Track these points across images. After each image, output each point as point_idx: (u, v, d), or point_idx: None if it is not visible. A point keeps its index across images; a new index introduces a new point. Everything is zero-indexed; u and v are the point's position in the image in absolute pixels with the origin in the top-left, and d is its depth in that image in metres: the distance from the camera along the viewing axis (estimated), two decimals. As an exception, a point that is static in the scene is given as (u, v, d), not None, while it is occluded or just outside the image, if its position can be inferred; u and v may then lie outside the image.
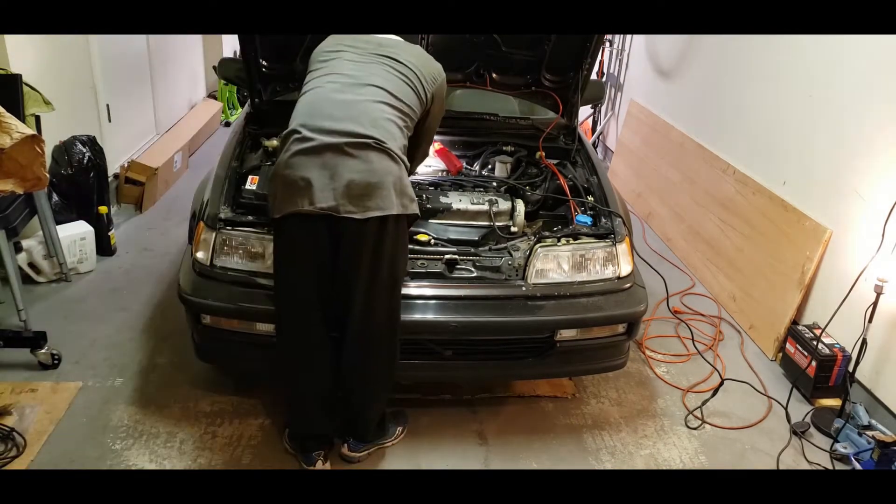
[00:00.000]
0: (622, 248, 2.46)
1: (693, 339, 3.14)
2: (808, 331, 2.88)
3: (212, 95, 6.30)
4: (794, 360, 2.90)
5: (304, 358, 2.16)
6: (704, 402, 2.75)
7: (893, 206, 2.49)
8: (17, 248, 3.17)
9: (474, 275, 2.38)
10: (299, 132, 1.97)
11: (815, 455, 2.55)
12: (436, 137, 3.02)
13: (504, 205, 2.65)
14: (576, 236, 2.44)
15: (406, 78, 2.14)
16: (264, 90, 2.90)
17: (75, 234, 3.38)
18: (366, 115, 2.00)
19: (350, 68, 2.12)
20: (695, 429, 2.65)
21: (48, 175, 2.41)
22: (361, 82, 2.08)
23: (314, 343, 2.14)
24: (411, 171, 2.43)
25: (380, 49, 2.18)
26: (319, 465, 2.24)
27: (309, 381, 2.19)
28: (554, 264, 2.40)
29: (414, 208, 2.03)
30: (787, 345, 2.95)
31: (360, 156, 1.94)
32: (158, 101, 4.96)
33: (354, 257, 2.00)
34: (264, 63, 2.81)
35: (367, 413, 2.27)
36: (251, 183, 2.46)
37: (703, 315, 3.45)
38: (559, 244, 2.40)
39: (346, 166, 1.92)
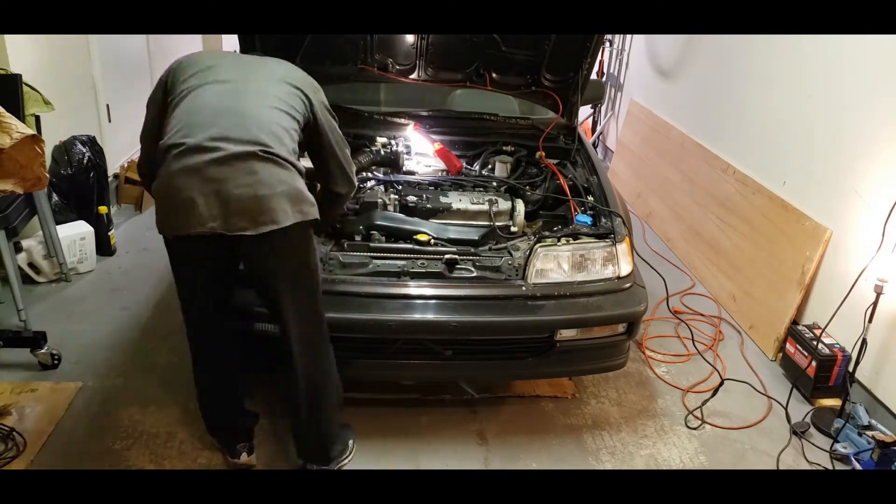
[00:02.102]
0: (622, 248, 2.46)
1: (693, 339, 3.14)
2: (808, 331, 2.88)
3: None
4: (794, 360, 2.90)
5: (208, 361, 2.16)
6: (704, 402, 2.75)
7: (893, 206, 2.49)
8: (17, 248, 3.17)
9: (474, 275, 2.38)
10: (179, 145, 1.81)
11: (815, 455, 2.55)
12: (435, 137, 3.02)
13: (504, 205, 2.65)
14: (576, 236, 2.44)
15: (285, 82, 2.03)
16: (264, 90, 2.89)
17: (75, 234, 3.38)
18: (250, 119, 1.87)
19: (227, 74, 1.99)
20: (695, 429, 2.65)
21: (48, 175, 2.41)
22: (242, 86, 1.96)
23: (212, 348, 2.13)
24: (337, 206, 2.29)
25: (252, 61, 2.13)
26: (244, 458, 2.25)
27: (212, 380, 2.20)
28: (554, 264, 2.40)
29: (310, 211, 1.91)
30: (787, 345, 2.95)
31: (245, 168, 1.79)
32: (158, 101, 4.95)
33: (261, 273, 1.96)
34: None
35: (320, 433, 2.20)
36: None
37: (703, 315, 3.45)
38: (559, 244, 2.40)
39: (232, 181, 1.78)
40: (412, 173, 2.87)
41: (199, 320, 2.09)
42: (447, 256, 2.38)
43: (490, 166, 3.00)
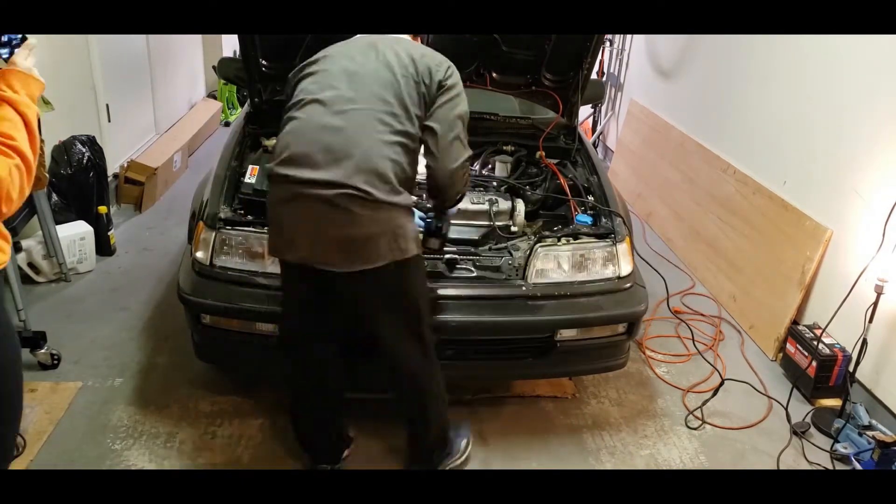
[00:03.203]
0: (622, 248, 2.46)
1: (693, 339, 3.14)
2: (808, 331, 2.88)
3: (211, 95, 6.30)
4: (794, 360, 2.90)
5: (303, 380, 2.18)
6: (704, 402, 2.75)
7: (893, 206, 2.49)
8: (17, 248, 3.17)
9: (474, 274, 2.38)
10: (281, 176, 1.85)
11: (815, 455, 2.55)
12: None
13: (504, 204, 2.65)
14: (576, 236, 2.44)
15: (406, 74, 1.94)
16: (264, 90, 2.89)
17: (75, 233, 3.38)
18: (354, 153, 1.82)
19: (338, 80, 1.93)
20: (695, 429, 2.65)
21: (48, 175, 2.41)
22: (351, 100, 1.89)
23: (309, 367, 2.14)
24: (447, 203, 2.11)
25: (372, 49, 2.01)
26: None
27: (308, 399, 2.21)
28: (554, 264, 2.40)
29: (413, 250, 1.90)
30: (788, 345, 2.94)
31: (343, 207, 1.79)
32: (158, 100, 4.96)
33: (353, 304, 2.01)
34: (264, 63, 2.80)
35: (430, 440, 2.24)
36: (251, 175, 2.45)
37: (703, 315, 3.45)
38: (559, 244, 2.40)
39: (326, 219, 1.81)
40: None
41: (295, 337, 2.11)
42: (447, 256, 2.38)
43: (490, 166, 2.99)
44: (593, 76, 3.11)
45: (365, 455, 2.38)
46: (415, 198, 2.11)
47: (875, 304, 2.50)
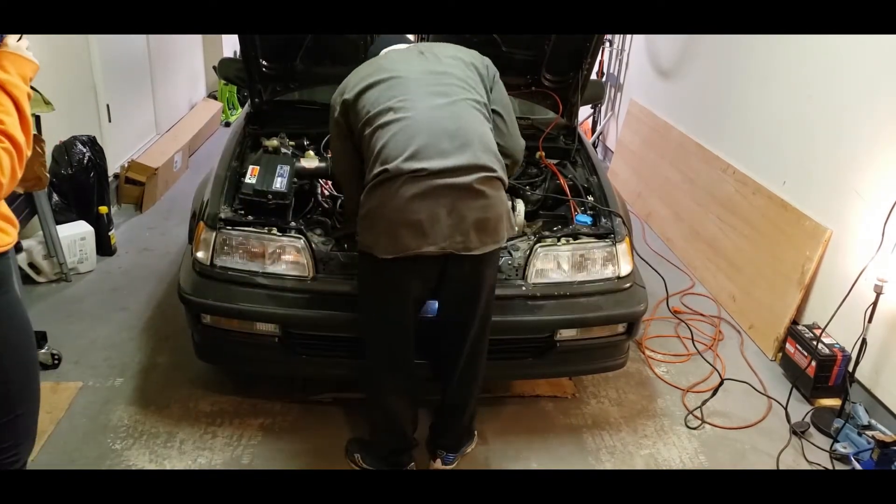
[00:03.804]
0: (622, 248, 2.46)
1: (693, 339, 3.14)
2: (807, 331, 2.88)
3: (212, 95, 6.30)
4: (793, 360, 2.90)
5: (396, 382, 2.17)
6: (704, 402, 2.75)
7: (893, 206, 2.49)
8: (17, 248, 3.17)
9: (474, 274, 2.37)
10: (414, 170, 1.85)
11: (815, 455, 2.55)
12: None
13: (504, 205, 2.65)
14: (576, 236, 2.44)
15: (471, 68, 2.09)
16: (264, 90, 2.89)
17: (75, 234, 3.38)
18: (473, 137, 1.92)
19: (420, 80, 1.99)
20: (695, 429, 2.65)
21: (48, 175, 2.41)
22: (446, 90, 1.98)
23: (406, 368, 2.16)
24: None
25: (429, 52, 2.11)
26: None
27: (401, 403, 2.20)
28: (554, 264, 2.40)
29: (514, 227, 2.08)
30: (787, 345, 2.95)
31: (480, 191, 1.90)
32: (158, 101, 4.96)
33: (470, 288, 2.04)
34: (264, 63, 2.80)
35: (465, 422, 2.31)
36: (251, 175, 2.45)
37: (702, 315, 3.45)
38: (559, 244, 2.40)
39: (468, 206, 1.89)
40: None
41: (400, 339, 2.11)
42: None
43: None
44: (593, 76, 3.11)
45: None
46: None
47: (874, 304, 2.50)
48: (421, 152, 1.88)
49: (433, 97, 1.96)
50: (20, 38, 1.45)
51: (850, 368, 2.63)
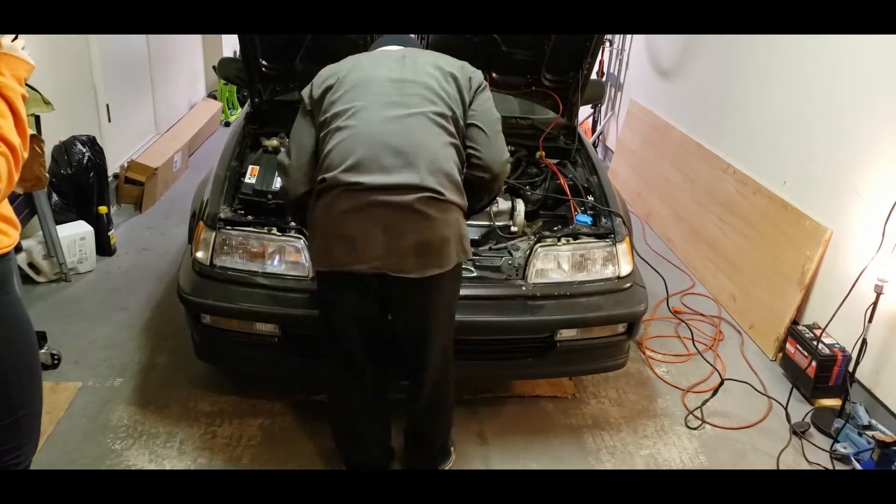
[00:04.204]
0: (622, 248, 2.46)
1: (693, 339, 3.14)
2: (808, 331, 2.88)
3: (212, 95, 6.30)
4: (794, 360, 2.90)
5: (353, 398, 2.13)
6: (704, 402, 2.75)
7: (893, 206, 2.49)
8: (17, 248, 3.16)
9: (474, 274, 2.38)
10: (350, 184, 1.79)
11: (815, 455, 2.55)
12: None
13: (504, 204, 2.65)
14: (576, 236, 2.44)
15: (448, 78, 1.96)
16: (264, 90, 2.90)
17: (75, 234, 3.38)
18: (422, 154, 1.82)
19: (385, 90, 1.90)
20: (695, 429, 2.65)
21: (48, 175, 2.41)
22: (403, 101, 1.88)
23: (366, 380, 2.10)
24: (488, 200, 2.13)
25: (409, 58, 2.01)
26: None
27: (367, 414, 2.16)
28: (554, 264, 2.40)
29: (469, 249, 1.95)
30: (787, 345, 2.94)
31: (421, 212, 1.79)
32: (158, 101, 4.96)
33: (416, 312, 1.98)
34: (264, 63, 2.80)
35: (437, 442, 2.26)
36: (251, 175, 2.45)
37: (703, 315, 3.45)
38: (559, 244, 2.40)
39: (407, 227, 1.79)
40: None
41: (347, 353, 2.05)
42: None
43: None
44: (593, 76, 3.11)
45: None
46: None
47: (875, 304, 2.50)
48: (361, 165, 1.80)
49: (388, 107, 1.87)
50: (15, 38, 1.42)
51: (851, 368, 2.63)
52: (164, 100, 5.07)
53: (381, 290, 1.91)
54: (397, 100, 1.89)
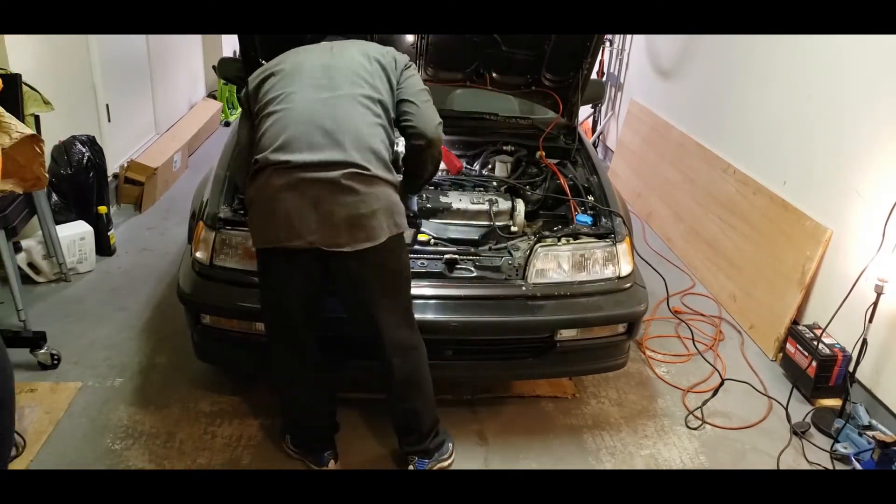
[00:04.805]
0: (622, 248, 2.46)
1: (693, 339, 3.14)
2: (808, 331, 2.88)
3: (211, 95, 6.30)
4: (794, 360, 2.90)
5: (295, 372, 2.16)
6: (704, 403, 2.75)
7: (893, 206, 2.49)
8: (17, 248, 3.17)
9: (474, 274, 2.38)
10: (281, 163, 1.87)
11: (815, 455, 2.55)
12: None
13: (504, 204, 2.65)
14: (576, 236, 2.44)
15: (374, 62, 2.07)
16: (264, 90, 2.89)
17: (75, 234, 3.38)
18: (348, 132, 1.91)
19: (314, 75, 2.01)
20: (695, 429, 2.65)
21: (48, 175, 2.41)
22: (331, 84, 1.98)
23: (303, 357, 2.13)
24: (432, 168, 2.21)
25: (338, 47, 2.12)
26: (332, 465, 2.26)
27: (303, 391, 2.20)
28: (554, 264, 2.40)
29: (403, 223, 1.99)
30: (788, 345, 2.94)
31: (348, 186, 1.86)
32: (158, 101, 4.96)
33: (354, 284, 2.00)
34: (264, 63, 2.80)
35: (424, 426, 2.23)
36: None
37: (703, 315, 3.45)
38: (559, 244, 2.40)
39: (334, 200, 1.86)
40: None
41: (292, 329, 2.09)
42: (447, 256, 2.38)
43: (490, 166, 2.99)
44: (593, 76, 3.11)
45: (364, 455, 2.38)
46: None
47: (875, 304, 2.50)
48: (290, 144, 1.88)
49: (317, 90, 1.96)
50: None
51: (851, 368, 2.63)
52: (163, 100, 5.07)
53: (320, 266, 1.96)
54: (325, 83, 1.99)
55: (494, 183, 2.83)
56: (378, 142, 1.95)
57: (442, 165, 2.94)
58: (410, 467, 2.25)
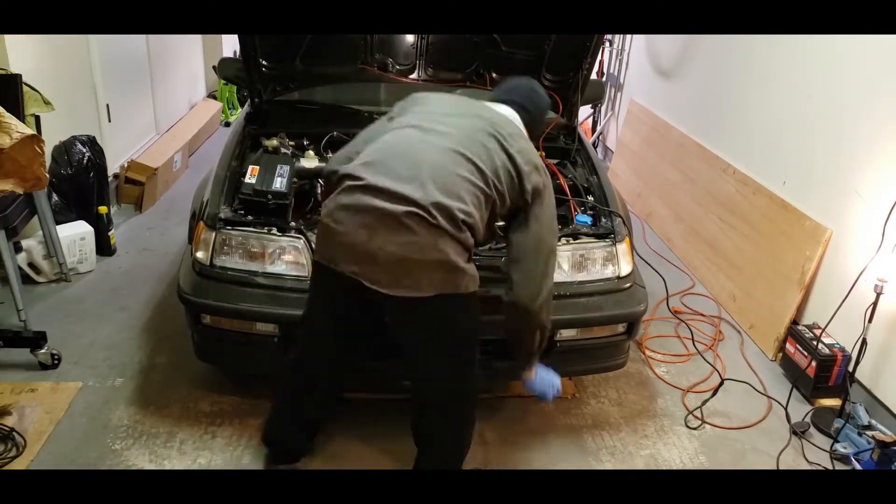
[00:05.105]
0: (622, 248, 2.46)
1: (693, 339, 3.14)
2: (808, 331, 2.88)
3: (212, 95, 6.30)
4: (794, 360, 2.90)
5: (294, 379, 2.17)
6: (704, 402, 2.75)
7: (893, 206, 2.49)
8: (17, 248, 3.17)
9: (474, 274, 2.37)
10: (355, 179, 1.80)
11: (815, 455, 2.55)
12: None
13: (504, 205, 2.65)
14: (576, 236, 2.44)
15: (493, 141, 1.90)
16: (264, 90, 2.89)
17: (75, 234, 3.38)
18: (434, 177, 1.78)
19: (439, 117, 1.93)
20: (695, 429, 2.65)
21: (48, 175, 2.41)
22: (447, 136, 1.87)
23: (314, 370, 2.13)
24: (531, 340, 2.02)
25: (481, 107, 2.03)
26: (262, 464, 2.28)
27: (298, 399, 2.20)
28: (554, 264, 2.40)
29: (470, 287, 1.83)
30: (787, 345, 2.94)
31: (408, 225, 1.73)
32: (158, 101, 4.96)
33: (402, 328, 1.96)
34: (264, 63, 2.81)
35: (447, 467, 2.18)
36: (251, 175, 2.45)
37: (703, 315, 3.45)
38: (559, 244, 2.40)
39: (389, 238, 1.75)
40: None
41: (312, 345, 2.09)
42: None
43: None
44: (593, 76, 3.11)
45: (365, 455, 2.38)
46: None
47: (874, 304, 2.50)
48: (375, 164, 1.82)
49: (430, 133, 1.88)
50: None
51: (851, 368, 2.63)
52: (164, 100, 5.07)
53: (365, 296, 1.84)
54: (442, 130, 1.90)
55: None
56: (463, 201, 1.79)
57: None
58: None
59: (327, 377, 2.15)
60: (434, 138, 1.88)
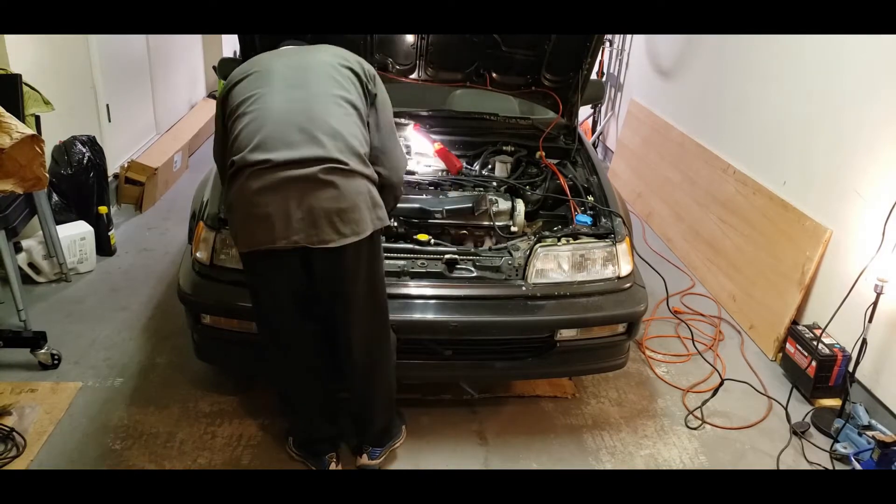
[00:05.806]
0: (622, 248, 2.46)
1: (693, 339, 3.14)
2: (808, 331, 2.88)
3: (212, 95, 6.29)
4: (794, 360, 2.90)
5: (295, 375, 2.18)
6: (704, 402, 2.75)
7: (893, 206, 2.49)
8: (17, 248, 3.17)
9: (474, 274, 2.38)
10: (260, 162, 1.84)
11: (815, 455, 2.55)
12: (435, 137, 3.03)
13: (504, 204, 2.65)
14: (576, 236, 2.44)
15: (342, 66, 2.04)
16: (264, 90, 2.89)
17: (75, 234, 3.38)
18: (324, 128, 1.88)
19: (287, 75, 1.99)
20: (695, 429, 2.65)
21: (48, 175, 2.41)
22: (304, 83, 1.97)
23: (301, 360, 2.14)
24: (394, 202, 2.23)
25: (309, 50, 2.12)
26: (332, 467, 2.26)
27: (304, 394, 2.21)
28: (554, 264, 2.40)
29: (384, 217, 1.98)
30: (787, 345, 2.94)
31: (328, 181, 1.84)
32: (158, 101, 4.96)
33: (335, 283, 1.99)
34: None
35: (379, 422, 2.27)
36: None
37: (703, 315, 3.45)
38: (559, 244, 2.40)
39: (314, 196, 1.83)
40: (412, 173, 2.87)
41: (286, 332, 2.09)
42: (447, 256, 2.39)
43: (490, 166, 3.00)
44: (593, 76, 3.12)
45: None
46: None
47: (875, 304, 2.50)
48: (266, 143, 1.86)
49: (290, 90, 1.95)
50: None
51: (851, 368, 2.63)
52: (164, 100, 5.07)
53: (304, 264, 1.94)
54: (298, 83, 1.97)
55: (494, 183, 2.83)
56: (353, 137, 1.93)
57: (442, 165, 2.95)
58: (364, 456, 2.27)
59: (320, 354, 2.16)
60: (298, 94, 1.95)
